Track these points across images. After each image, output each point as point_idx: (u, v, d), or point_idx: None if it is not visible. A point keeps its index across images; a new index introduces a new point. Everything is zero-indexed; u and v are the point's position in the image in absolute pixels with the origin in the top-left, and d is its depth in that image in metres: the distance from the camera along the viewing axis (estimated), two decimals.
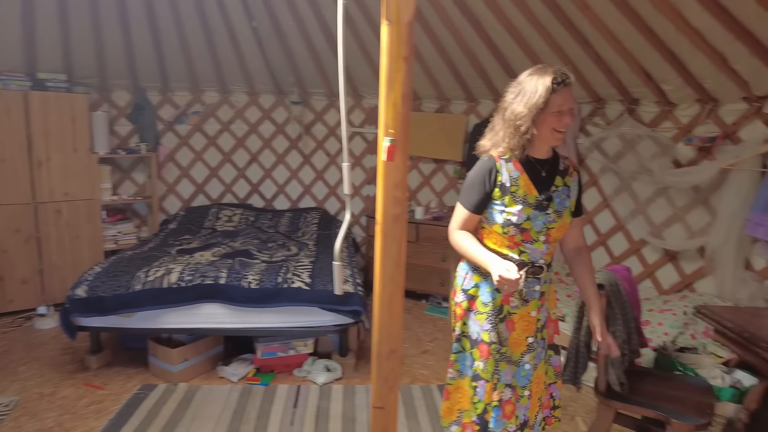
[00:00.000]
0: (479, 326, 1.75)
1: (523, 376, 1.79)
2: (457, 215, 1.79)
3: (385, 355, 1.55)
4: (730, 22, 2.49)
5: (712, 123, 3.23)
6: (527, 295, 1.75)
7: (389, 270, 1.50)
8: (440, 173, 4.87)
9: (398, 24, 1.23)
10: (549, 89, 1.57)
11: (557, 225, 1.72)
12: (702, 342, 2.83)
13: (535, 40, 3.40)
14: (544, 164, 1.73)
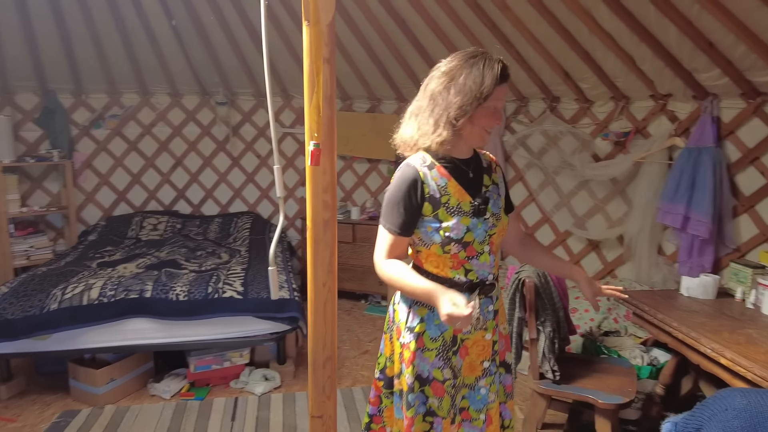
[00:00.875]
0: (429, 364, 1.51)
1: (479, 400, 1.58)
2: (382, 241, 1.49)
3: (321, 364, 1.51)
4: (635, 25, 2.66)
5: (625, 119, 3.44)
6: (483, 321, 1.53)
7: (322, 276, 1.47)
8: (374, 173, 4.87)
9: (318, 25, 1.20)
10: (496, 79, 1.35)
11: (498, 229, 1.50)
12: (624, 325, 3.01)
13: (460, 40, 3.47)
14: (468, 164, 1.50)
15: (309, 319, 1.52)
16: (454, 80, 1.38)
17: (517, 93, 3.97)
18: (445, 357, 1.51)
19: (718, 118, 2.89)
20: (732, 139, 2.89)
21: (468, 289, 1.47)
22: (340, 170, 4.90)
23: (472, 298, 1.45)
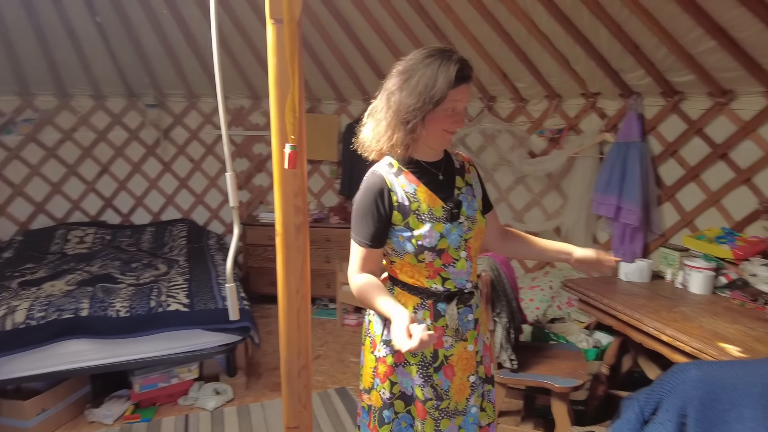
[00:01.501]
0: (411, 380, 1.44)
1: (471, 422, 1.51)
2: (353, 255, 1.43)
3: (297, 373, 1.47)
4: (571, 28, 2.83)
5: (558, 117, 3.64)
6: (463, 332, 1.45)
7: (295, 283, 1.43)
8: (316, 174, 4.81)
9: (292, 23, 1.16)
10: (451, 82, 1.27)
11: (474, 233, 1.42)
12: (567, 311, 3.18)
13: (402, 41, 3.51)
14: (438, 166, 1.43)
15: (281, 328, 1.47)
16: (408, 81, 1.31)
17: None
18: (426, 374, 1.43)
19: (642, 114, 3.13)
20: (654, 134, 3.14)
21: (446, 298, 1.41)
22: None
23: (449, 308, 1.41)
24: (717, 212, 2.90)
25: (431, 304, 1.42)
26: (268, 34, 1.32)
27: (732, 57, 2.44)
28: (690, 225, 3.02)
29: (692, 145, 2.97)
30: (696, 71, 2.67)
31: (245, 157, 4.81)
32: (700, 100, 2.88)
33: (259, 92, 4.57)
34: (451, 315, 1.42)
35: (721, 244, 2.61)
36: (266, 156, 4.80)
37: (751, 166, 2.71)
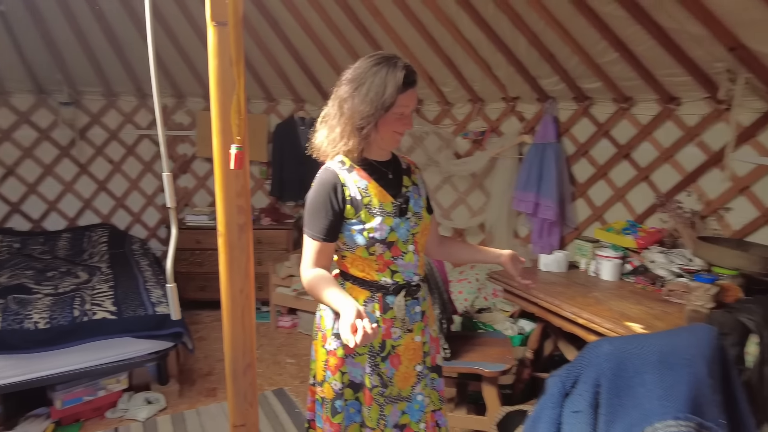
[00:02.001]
0: (361, 368, 1.52)
1: (417, 409, 1.59)
2: (307, 250, 1.48)
3: (242, 371, 1.48)
4: (492, 36, 3.02)
5: (481, 119, 3.85)
6: (410, 322, 1.53)
7: (238, 282, 1.44)
8: None
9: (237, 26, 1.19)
10: (399, 88, 1.37)
11: (420, 228, 1.53)
12: (493, 301, 3.39)
13: (331, 41, 3.56)
14: (387, 166, 1.53)
15: (225, 327, 1.48)
16: (359, 89, 1.40)
17: None
18: (373, 363, 1.51)
19: (557, 118, 3.40)
20: (568, 136, 3.42)
21: (394, 291, 1.49)
22: (205, 173, 4.67)
23: (397, 300, 1.49)
24: (623, 206, 3.21)
25: (380, 297, 1.51)
26: (209, 36, 1.33)
27: (631, 68, 2.73)
28: (600, 219, 3.32)
29: (601, 146, 3.27)
30: (602, 79, 2.95)
31: (169, 158, 4.64)
32: (606, 105, 3.18)
33: (183, 90, 4.43)
34: (398, 306, 1.50)
35: (626, 235, 2.91)
36: (191, 157, 4.66)
37: (649, 165, 3.03)
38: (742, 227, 2.65)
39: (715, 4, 2.10)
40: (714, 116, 2.69)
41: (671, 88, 2.78)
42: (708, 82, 2.58)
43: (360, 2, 3.17)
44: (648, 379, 1.42)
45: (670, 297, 2.38)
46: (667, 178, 2.97)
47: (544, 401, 1.65)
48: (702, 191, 2.82)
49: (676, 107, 2.85)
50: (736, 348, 1.83)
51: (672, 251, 2.71)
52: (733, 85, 2.38)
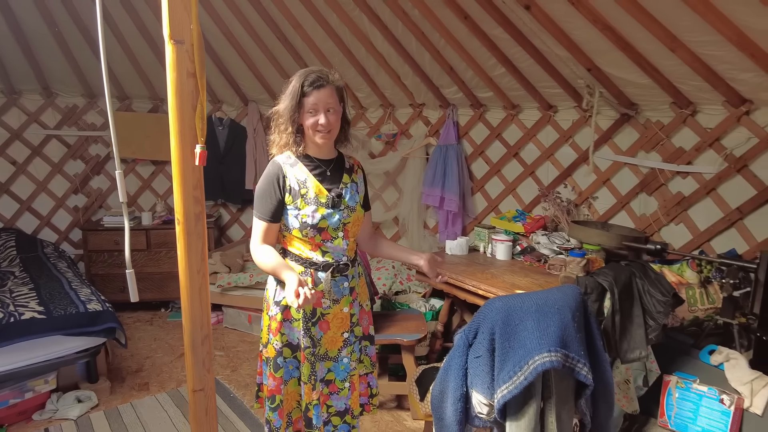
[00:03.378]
0: (298, 332, 1.80)
1: (342, 370, 1.86)
2: (256, 229, 1.78)
3: (201, 341, 1.70)
4: (401, 50, 3.41)
5: (392, 123, 4.24)
6: (336, 294, 1.81)
7: (196, 264, 1.66)
8: (161, 175, 4.74)
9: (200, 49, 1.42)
10: (299, 92, 1.67)
11: (352, 219, 1.80)
12: (408, 285, 3.79)
13: (252, 49, 3.76)
14: (328, 164, 1.80)
15: (184, 304, 1.69)
16: (284, 92, 1.72)
17: None
18: (306, 327, 1.79)
19: (457, 122, 3.88)
20: (467, 138, 3.91)
21: (323, 268, 1.78)
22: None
23: (326, 276, 1.78)
24: (513, 198, 3.75)
25: (312, 272, 1.80)
26: (167, 53, 1.55)
27: (517, 80, 3.25)
28: (495, 209, 3.84)
29: (494, 147, 3.79)
30: (494, 89, 3.46)
31: (80, 158, 4.53)
32: (498, 111, 3.70)
33: (95, 90, 4.37)
34: (326, 280, 1.79)
35: (516, 222, 3.43)
36: (105, 158, 4.59)
37: (533, 162, 3.59)
38: (605, 212, 3.27)
39: (574, 35, 2.64)
40: (582, 122, 3.28)
41: (549, 97, 3.34)
42: (576, 94, 3.16)
43: (282, 15, 3.42)
44: (529, 325, 1.85)
45: (551, 270, 2.90)
46: (548, 173, 3.54)
47: (453, 353, 2.04)
48: (575, 184, 3.42)
49: (554, 114, 3.43)
50: (596, 303, 2.34)
51: (553, 234, 3.27)
52: (591, 98, 2.96)
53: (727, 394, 2.14)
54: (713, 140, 2.73)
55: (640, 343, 2.21)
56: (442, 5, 2.88)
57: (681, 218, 2.92)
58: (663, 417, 2.30)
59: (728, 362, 2.24)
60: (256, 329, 4.01)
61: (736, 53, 2.23)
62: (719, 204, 2.76)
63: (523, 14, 2.60)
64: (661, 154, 2.96)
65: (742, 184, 2.68)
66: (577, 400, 1.97)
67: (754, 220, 2.64)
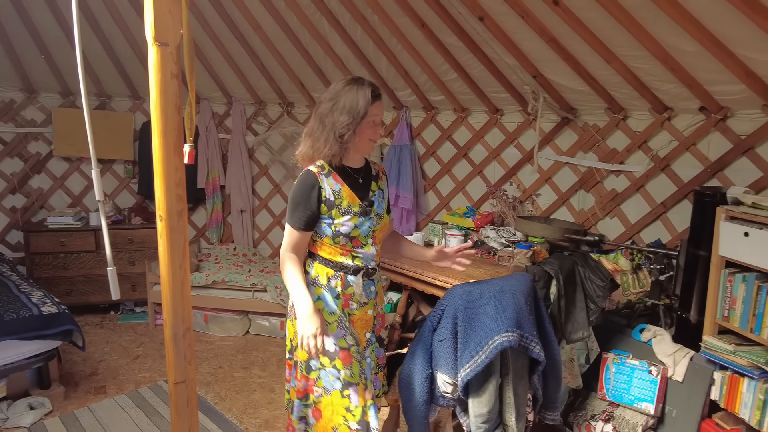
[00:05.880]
0: (334, 337, 1.78)
1: (366, 368, 1.88)
2: (288, 237, 1.77)
3: (182, 334, 1.75)
4: (359, 54, 3.54)
5: None
6: (366, 297, 1.86)
7: (178, 260, 1.71)
8: (108, 174, 4.60)
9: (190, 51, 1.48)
10: (369, 100, 1.69)
11: (380, 226, 1.85)
12: None
13: (210, 50, 3.75)
14: (359, 172, 1.83)
15: (166, 298, 1.74)
16: (336, 104, 1.71)
17: (257, 97, 4.46)
18: (344, 326, 1.80)
19: (411, 123, 4.05)
20: (419, 139, 4.09)
21: (354, 271, 1.81)
22: (64, 173, 4.45)
23: (356, 279, 1.81)
24: (463, 196, 3.97)
25: (342, 275, 1.82)
26: (151, 55, 1.59)
27: (467, 85, 3.46)
28: (446, 206, 4.05)
29: (445, 148, 3.99)
30: (445, 93, 3.65)
31: (17, 156, 4.32)
32: (448, 114, 3.90)
33: (35, 85, 4.18)
34: (357, 284, 1.83)
35: (467, 218, 3.65)
36: (46, 156, 4.40)
37: (482, 162, 3.82)
38: (547, 208, 3.55)
39: (522, 45, 2.88)
40: (526, 124, 3.54)
41: (496, 102, 3.58)
42: (521, 99, 3.41)
43: (241, 16, 3.45)
44: (488, 309, 2.04)
45: (501, 261, 3.12)
46: (495, 172, 3.79)
47: (418, 338, 2.20)
48: (520, 182, 3.68)
49: (500, 117, 3.67)
50: (543, 290, 2.58)
51: (500, 228, 3.51)
52: (536, 103, 3.22)
53: (654, 366, 2.43)
54: (641, 142, 3.06)
55: (582, 324, 2.46)
56: (401, 13, 3.04)
57: (615, 212, 3.23)
58: (602, 390, 2.57)
59: (655, 338, 2.54)
60: (213, 329, 4.01)
61: (660, 67, 2.53)
62: (647, 199, 3.09)
63: (476, 24, 2.80)
64: (597, 155, 3.27)
65: (666, 181, 3.01)
66: (530, 377, 2.19)
67: (676, 213, 2.98)
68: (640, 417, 2.46)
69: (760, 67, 2.28)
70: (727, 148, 2.73)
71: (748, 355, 2.12)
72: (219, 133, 4.61)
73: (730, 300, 2.23)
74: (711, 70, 2.39)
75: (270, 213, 4.73)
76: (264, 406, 3.00)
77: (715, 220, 2.28)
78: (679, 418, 2.38)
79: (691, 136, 2.85)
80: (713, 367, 2.27)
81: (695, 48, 2.29)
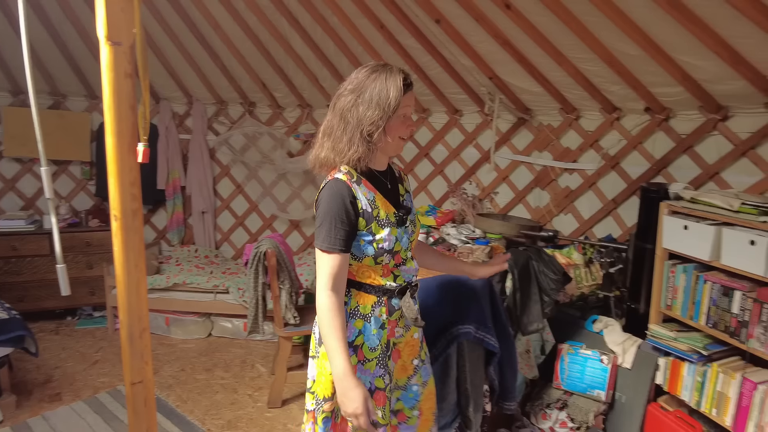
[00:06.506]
0: (371, 375, 1.49)
1: (411, 398, 1.62)
2: (325, 267, 1.39)
3: (138, 334, 1.74)
4: (320, 54, 3.56)
5: (310, 123, 4.37)
6: (418, 322, 1.57)
7: (134, 259, 1.71)
8: (64, 175, 4.47)
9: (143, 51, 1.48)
10: (401, 90, 1.37)
11: (415, 234, 1.58)
12: None
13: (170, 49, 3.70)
14: (386, 176, 1.54)
15: (122, 298, 1.73)
16: (362, 96, 1.38)
17: (218, 97, 4.42)
18: (384, 364, 1.50)
19: None
20: None
21: (399, 293, 1.51)
22: (16, 174, 4.30)
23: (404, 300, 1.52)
24: (425, 194, 4.04)
25: (386, 300, 1.51)
26: (103, 54, 1.58)
27: (427, 86, 3.53)
28: None
29: (407, 148, 4.05)
30: None
31: None
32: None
33: None
34: (407, 306, 1.52)
35: (428, 216, 3.72)
36: None
37: (442, 162, 3.90)
38: (505, 205, 3.66)
39: (478, 47, 2.97)
40: (484, 125, 3.64)
41: (455, 103, 3.67)
42: (479, 100, 3.50)
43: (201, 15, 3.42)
44: (446, 302, 2.10)
45: (460, 257, 3.21)
46: (455, 171, 3.87)
47: None
48: (479, 181, 3.77)
49: (460, 118, 3.76)
50: (500, 284, 2.67)
51: (461, 225, 3.59)
52: (492, 103, 3.32)
53: (605, 355, 2.55)
54: (593, 141, 3.19)
55: (537, 316, 2.56)
56: (359, 14, 3.08)
57: (569, 209, 3.36)
58: (557, 380, 2.68)
59: (607, 328, 2.67)
60: (174, 332, 3.95)
61: (607, 69, 2.66)
62: (599, 196, 3.23)
63: (433, 27, 2.87)
64: (551, 153, 3.39)
65: (616, 179, 3.16)
66: (486, 368, 2.26)
67: (625, 209, 3.13)
68: (592, 404, 2.57)
69: (695, 70, 2.42)
70: (670, 147, 2.88)
71: (688, 340, 2.25)
72: (179, 134, 4.54)
73: (673, 290, 2.36)
74: (652, 72, 2.53)
75: (232, 214, 4.69)
76: (227, 407, 2.98)
77: (659, 214, 2.41)
78: (628, 403, 2.50)
79: (638, 136, 3.00)
80: (658, 354, 2.40)
81: (637, 52, 2.42)
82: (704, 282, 2.20)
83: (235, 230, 4.70)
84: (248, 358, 3.61)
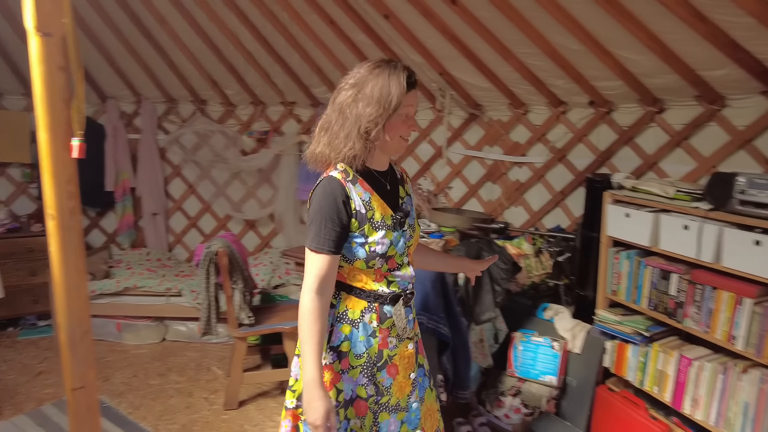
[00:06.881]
0: (353, 383, 1.44)
1: (413, 418, 1.52)
2: (313, 266, 1.35)
3: (79, 338, 1.68)
4: (270, 50, 3.51)
5: (264, 120, 4.31)
6: (410, 331, 1.50)
7: (73, 260, 1.65)
8: (3, 178, 4.25)
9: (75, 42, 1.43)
10: (403, 88, 1.33)
11: (414, 240, 1.51)
12: (286, 278, 3.90)
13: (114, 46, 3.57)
14: (385, 176, 1.48)
15: (60, 300, 1.66)
16: (362, 92, 1.34)
17: (167, 95, 4.30)
18: (370, 373, 1.44)
19: None
20: None
21: (392, 300, 1.45)
22: None
23: (396, 308, 1.46)
24: None
25: (377, 306, 1.45)
26: (32, 46, 1.52)
27: None
28: None
29: None
30: None
31: None
32: None
33: None
34: (398, 315, 1.46)
35: None
36: None
37: (398, 159, 3.92)
38: (459, 199, 3.72)
39: (427, 43, 3.00)
40: (437, 121, 3.68)
41: None
42: (431, 96, 3.54)
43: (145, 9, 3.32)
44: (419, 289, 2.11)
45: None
46: (410, 167, 3.90)
47: None
48: (434, 176, 3.82)
49: None
50: (452, 276, 2.71)
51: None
52: (444, 99, 3.37)
53: (556, 341, 2.63)
54: (541, 135, 3.29)
55: (489, 306, 2.62)
56: (309, 10, 3.06)
57: (519, 201, 3.45)
58: (511, 367, 2.74)
59: (557, 316, 2.75)
60: (126, 338, 3.82)
61: (551, 64, 2.75)
62: (547, 188, 3.33)
63: (382, 22, 2.88)
64: (502, 148, 3.47)
65: (563, 171, 3.26)
66: (439, 357, 2.30)
67: (573, 200, 3.23)
68: (544, 389, 2.65)
69: (631, 64, 2.53)
70: (613, 139, 3.00)
71: (632, 323, 2.35)
72: (128, 134, 4.39)
73: (617, 276, 2.46)
74: (593, 66, 2.63)
75: (185, 215, 4.57)
76: (181, 411, 2.91)
77: (603, 204, 2.50)
78: (578, 386, 2.59)
79: (583, 128, 3.11)
80: (605, 338, 2.50)
81: (578, 46, 2.51)
82: (645, 267, 2.31)
83: (188, 232, 4.59)
84: (204, 361, 3.53)
